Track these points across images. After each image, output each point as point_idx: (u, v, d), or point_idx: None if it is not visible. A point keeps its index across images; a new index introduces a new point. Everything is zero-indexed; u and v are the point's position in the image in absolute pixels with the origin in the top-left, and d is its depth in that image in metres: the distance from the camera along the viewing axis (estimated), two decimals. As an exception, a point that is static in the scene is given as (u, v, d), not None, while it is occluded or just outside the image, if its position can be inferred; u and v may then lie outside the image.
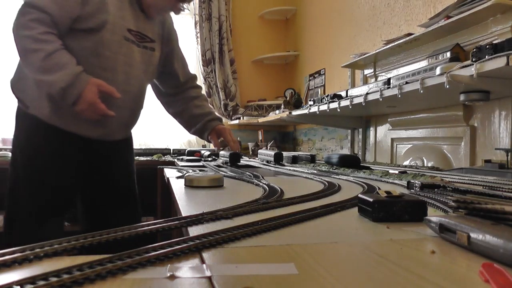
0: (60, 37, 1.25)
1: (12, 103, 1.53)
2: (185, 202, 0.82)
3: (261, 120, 3.51)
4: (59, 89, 1.18)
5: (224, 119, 3.93)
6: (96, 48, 1.30)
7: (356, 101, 1.85)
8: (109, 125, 1.42)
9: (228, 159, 2.00)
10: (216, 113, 1.70)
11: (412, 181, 1.01)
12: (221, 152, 2.28)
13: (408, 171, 1.49)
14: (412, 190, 0.96)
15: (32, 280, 0.34)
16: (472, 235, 0.45)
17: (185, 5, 1.44)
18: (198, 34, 3.85)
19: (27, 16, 1.19)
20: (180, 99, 1.68)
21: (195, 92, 1.70)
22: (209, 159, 2.62)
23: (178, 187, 1.08)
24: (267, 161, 2.24)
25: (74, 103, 1.21)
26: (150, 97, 1.66)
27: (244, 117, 3.74)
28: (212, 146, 3.98)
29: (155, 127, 3.93)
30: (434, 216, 0.55)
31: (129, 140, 1.65)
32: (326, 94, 2.29)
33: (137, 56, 1.42)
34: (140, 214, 1.67)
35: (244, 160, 2.63)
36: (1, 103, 3.22)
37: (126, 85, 1.40)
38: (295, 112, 2.69)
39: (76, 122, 1.34)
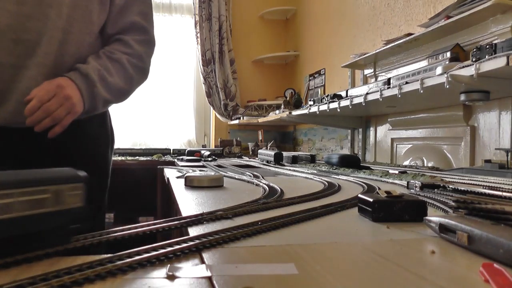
0: None
1: None
2: (185, 202, 0.82)
3: (261, 120, 3.51)
4: None
5: (224, 119, 3.92)
6: None
7: (356, 101, 1.85)
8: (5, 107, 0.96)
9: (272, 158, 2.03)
10: (93, 68, 0.99)
11: (412, 181, 1.01)
12: (261, 151, 2.32)
13: (408, 171, 1.49)
14: (412, 190, 0.96)
15: (32, 280, 0.34)
16: (472, 235, 0.45)
17: None
18: (198, 34, 3.85)
19: None
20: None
21: (111, 45, 1.08)
22: (209, 159, 2.62)
23: (178, 187, 1.07)
24: (267, 161, 2.24)
25: None
26: (149, 96, 1.50)
27: (244, 117, 3.74)
28: (212, 146, 3.98)
29: (155, 127, 3.93)
30: (434, 216, 0.55)
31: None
32: (326, 94, 2.29)
33: None
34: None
35: (244, 160, 2.64)
36: None
37: (19, 32, 0.93)
38: (295, 112, 2.69)
39: None
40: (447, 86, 1.27)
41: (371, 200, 0.64)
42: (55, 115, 0.91)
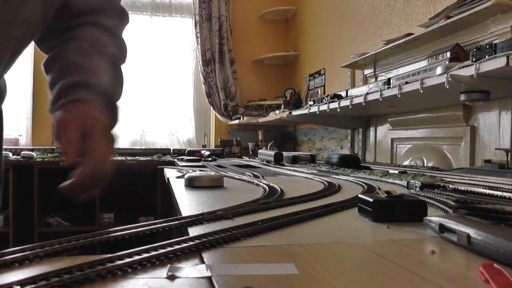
0: None
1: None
2: (185, 202, 0.82)
3: (261, 120, 3.51)
4: None
5: (224, 119, 3.92)
6: None
7: (356, 101, 1.85)
8: None
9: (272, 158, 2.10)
10: (101, 79, 0.70)
11: (412, 181, 1.01)
12: (261, 151, 2.36)
13: (408, 171, 1.49)
14: (412, 190, 0.96)
15: (32, 280, 0.34)
16: (472, 235, 0.45)
17: None
18: (198, 34, 3.85)
19: None
20: (60, 38, 0.76)
21: (89, 31, 0.75)
22: (209, 159, 2.62)
23: (178, 187, 1.07)
24: (267, 161, 2.24)
25: None
26: (150, 96, 1.51)
27: (244, 117, 3.74)
28: (212, 146, 3.99)
29: (155, 127, 3.93)
30: (434, 216, 0.55)
31: None
32: (326, 94, 2.29)
33: None
34: None
35: (244, 160, 2.64)
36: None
37: None
38: (295, 112, 2.69)
39: None
40: (447, 86, 1.27)
41: (371, 200, 0.64)
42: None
